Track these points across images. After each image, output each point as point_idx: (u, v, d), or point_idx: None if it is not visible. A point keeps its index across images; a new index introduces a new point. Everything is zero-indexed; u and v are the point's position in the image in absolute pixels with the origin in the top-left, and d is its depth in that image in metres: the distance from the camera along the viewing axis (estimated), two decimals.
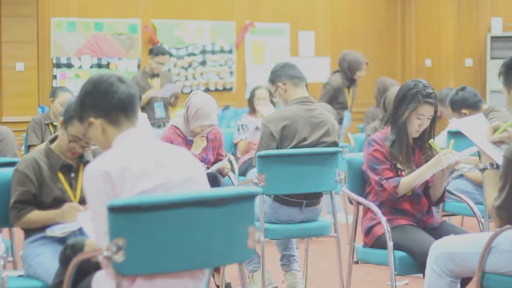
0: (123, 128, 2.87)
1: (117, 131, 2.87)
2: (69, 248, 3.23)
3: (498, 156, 3.52)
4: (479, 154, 3.64)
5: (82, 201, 3.75)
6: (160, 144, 2.96)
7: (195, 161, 2.92)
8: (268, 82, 5.06)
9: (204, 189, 2.90)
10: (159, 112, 8.52)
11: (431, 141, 4.17)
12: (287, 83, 4.94)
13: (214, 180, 4.98)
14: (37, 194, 3.75)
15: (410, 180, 4.09)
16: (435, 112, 4.17)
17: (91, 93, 2.91)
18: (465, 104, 5.91)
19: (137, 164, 2.74)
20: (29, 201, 3.74)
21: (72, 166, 3.83)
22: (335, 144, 4.93)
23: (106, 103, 2.87)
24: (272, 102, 7.62)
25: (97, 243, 2.74)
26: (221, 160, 5.26)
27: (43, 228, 3.72)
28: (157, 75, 8.79)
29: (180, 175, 2.81)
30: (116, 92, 2.88)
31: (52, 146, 3.84)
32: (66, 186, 3.79)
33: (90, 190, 2.75)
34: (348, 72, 8.24)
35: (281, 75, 4.96)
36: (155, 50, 8.85)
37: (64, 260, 3.22)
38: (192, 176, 2.85)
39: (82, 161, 3.86)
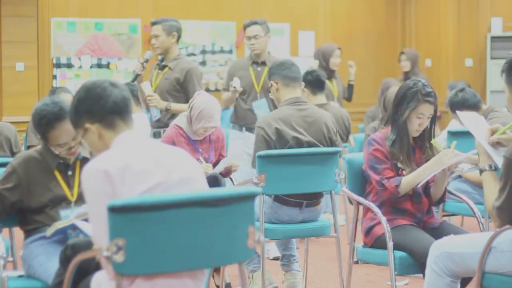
0: (120, 131, 2.87)
1: (113, 134, 2.87)
2: (69, 248, 3.23)
3: (496, 156, 3.52)
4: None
5: (80, 199, 3.75)
6: (159, 144, 2.97)
7: (193, 161, 2.93)
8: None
9: (204, 189, 2.90)
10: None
11: (433, 141, 4.17)
12: (279, 83, 4.97)
13: (215, 181, 4.99)
14: (23, 194, 3.74)
15: (412, 179, 4.08)
16: (435, 111, 4.18)
17: (84, 99, 2.91)
18: (466, 105, 5.91)
19: (137, 163, 2.74)
20: (4, 196, 3.74)
21: (69, 164, 3.83)
22: (331, 140, 4.94)
23: (100, 107, 2.87)
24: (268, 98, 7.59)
25: (97, 243, 2.74)
26: None
27: (43, 228, 3.72)
28: None
29: (179, 175, 2.81)
30: (110, 96, 2.88)
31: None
32: (63, 184, 3.79)
33: (89, 190, 2.74)
34: (324, 62, 8.11)
35: (276, 73, 4.99)
36: None
37: (65, 260, 3.22)
38: (191, 176, 2.85)
39: (78, 157, 3.85)
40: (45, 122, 3.72)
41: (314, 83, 6.84)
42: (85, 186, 2.76)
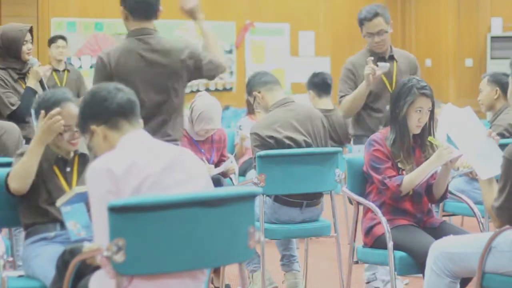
0: (125, 132, 2.90)
1: (118, 135, 2.90)
2: (68, 253, 3.22)
3: (488, 165, 3.52)
4: None
5: None
6: (163, 144, 2.97)
7: (197, 160, 2.93)
8: (246, 96, 5.08)
9: (204, 189, 2.90)
10: None
11: (430, 138, 4.17)
12: (262, 90, 4.96)
13: (217, 183, 5.00)
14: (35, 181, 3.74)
15: (413, 177, 4.08)
16: (433, 105, 4.19)
17: (90, 103, 2.97)
18: None
19: (141, 162, 2.75)
20: None
21: (67, 160, 3.82)
22: (329, 132, 4.95)
23: (105, 109, 2.91)
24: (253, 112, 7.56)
25: (97, 241, 2.74)
26: (223, 161, 5.27)
27: (44, 229, 3.72)
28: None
29: (182, 174, 2.82)
30: (114, 98, 2.93)
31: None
32: (61, 180, 3.78)
33: (93, 188, 2.76)
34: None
35: (254, 84, 4.99)
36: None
37: (62, 266, 3.19)
38: (195, 175, 2.86)
39: (76, 153, 3.84)
40: (52, 102, 3.73)
41: (320, 85, 6.80)
42: (89, 185, 2.78)
